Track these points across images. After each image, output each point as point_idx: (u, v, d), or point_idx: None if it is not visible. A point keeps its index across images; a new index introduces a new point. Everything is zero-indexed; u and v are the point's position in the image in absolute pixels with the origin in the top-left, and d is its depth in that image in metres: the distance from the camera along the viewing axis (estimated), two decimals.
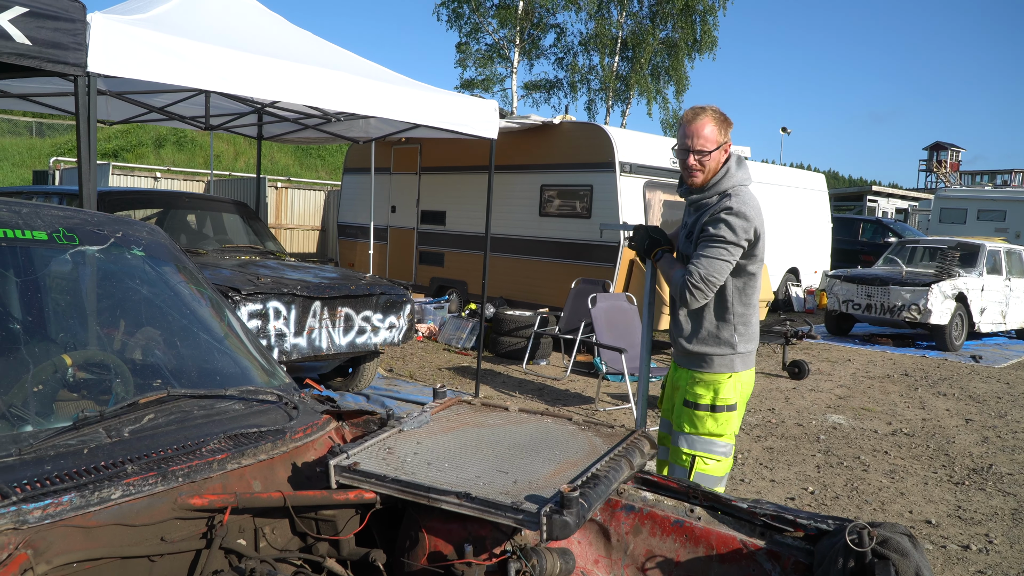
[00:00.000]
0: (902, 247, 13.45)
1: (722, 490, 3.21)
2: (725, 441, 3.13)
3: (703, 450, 3.13)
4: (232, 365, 2.28)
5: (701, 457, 3.14)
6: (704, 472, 3.13)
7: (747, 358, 3.21)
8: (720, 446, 3.13)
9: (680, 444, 3.19)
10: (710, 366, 3.17)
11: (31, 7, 3.61)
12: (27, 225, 2.01)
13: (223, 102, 7.99)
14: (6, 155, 25.94)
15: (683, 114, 3.23)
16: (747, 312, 3.19)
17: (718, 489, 3.09)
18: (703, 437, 3.14)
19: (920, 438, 6.64)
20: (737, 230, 3.05)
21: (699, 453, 3.14)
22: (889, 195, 29.82)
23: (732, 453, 3.20)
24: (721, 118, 3.17)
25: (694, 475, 3.12)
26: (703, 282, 3.06)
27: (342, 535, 1.84)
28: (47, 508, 1.44)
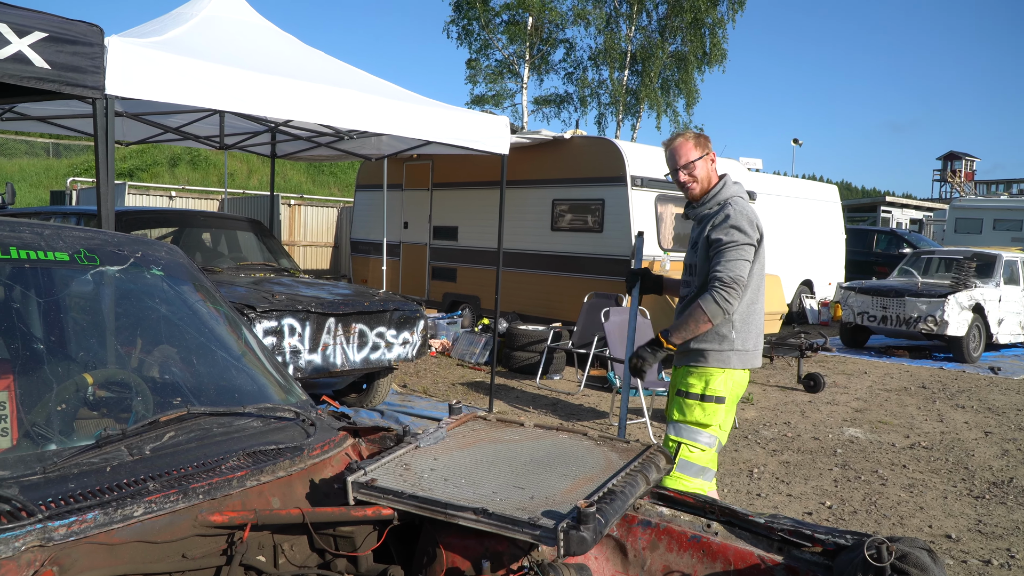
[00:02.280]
0: (917, 258, 13.38)
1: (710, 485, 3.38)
2: (710, 432, 3.27)
3: (688, 438, 3.28)
4: (250, 382, 2.31)
5: (686, 445, 3.28)
6: (687, 459, 3.27)
7: (743, 357, 3.34)
8: (705, 436, 3.27)
9: (668, 431, 3.37)
10: (706, 360, 3.33)
11: (50, 32, 3.67)
12: (49, 247, 2.04)
13: (237, 121, 8.08)
14: (24, 176, 26.23)
15: (663, 144, 3.51)
16: (747, 312, 3.35)
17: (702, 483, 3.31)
18: (689, 425, 3.30)
19: (939, 451, 6.59)
20: (745, 229, 3.26)
21: (684, 440, 3.30)
22: (903, 206, 29.67)
23: (716, 446, 3.31)
24: (695, 136, 3.46)
25: (678, 462, 3.25)
26: (733, 282, 3.22)
27: (360, 551, 1.85)
28: (72, 525, 1.46)
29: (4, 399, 1.87)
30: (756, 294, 3.37)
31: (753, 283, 3.34)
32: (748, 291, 3.33)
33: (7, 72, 3.53)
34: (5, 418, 1.85)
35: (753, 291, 3.36)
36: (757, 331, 3.39)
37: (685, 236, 10.06)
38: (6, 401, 1.87)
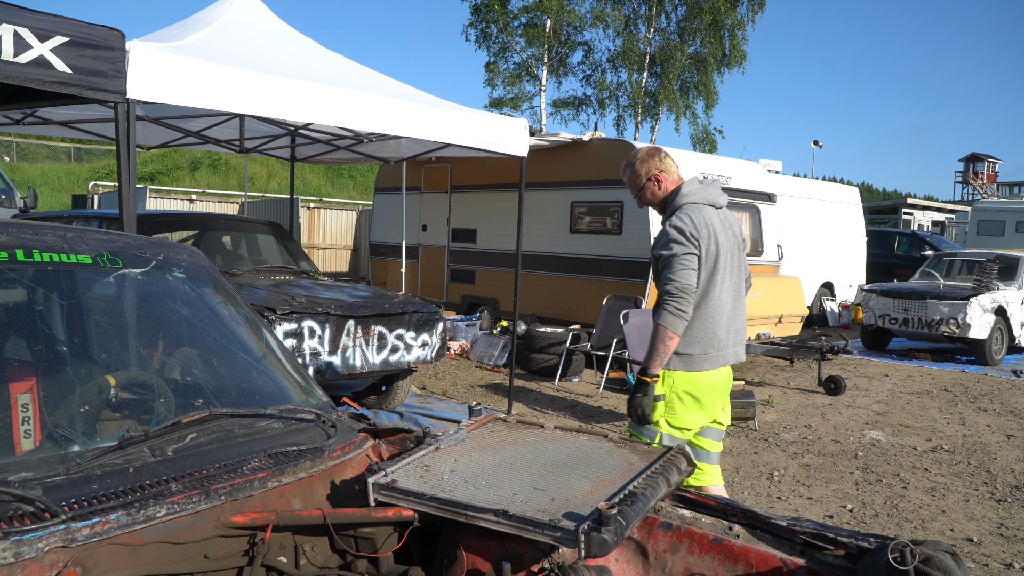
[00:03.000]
0: (939, 260, 13.25)
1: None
2: (653, 428, 3.43)
3: (636, 431, 3.49)
4: (271, 384, 2.32)
5: (635, 436, 3.46)
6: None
7: (686, 360, 3.42)
8: (647, 431, 3.43)
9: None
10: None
11: (72, 36, 3.71)
12: (72, 249, 2.06)
13: (257, 125, 8.12)
14: (46, 180, 26.54)
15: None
16: (693, 321, 3.41)
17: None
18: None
19: (961, 455, 6.52)
20: (681, 240, 3.37)
21: (634, 433, 3.50)
22: (925, 208, 29.39)
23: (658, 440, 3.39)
24: (638, 160, 3.63)
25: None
26: (680, 292, 3.33)
27: (381, 552, 1.86)
28: (95, 526, 1.47)
29: (27, 401, 1.89)
30: (705, 299, 3.44)
31: (700, 289, 3.42)
32: (695, 297, 3.41)
33: (29, 76, 3.56)
34: (28, 420, 1.87)
35: (700, 296, 3.43)
36: (707, 336, 3.44)
37: None
38: (29, 403, 1.89)
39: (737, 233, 3.65)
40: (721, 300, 3.49)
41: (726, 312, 3.51)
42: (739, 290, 3.61)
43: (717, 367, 3.48)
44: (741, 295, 3.63)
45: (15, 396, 1.88)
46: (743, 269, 3.67)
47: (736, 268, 3.58)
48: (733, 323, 3.54)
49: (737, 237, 3.63)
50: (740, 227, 3.70)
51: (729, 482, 5.58)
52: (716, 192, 3.60)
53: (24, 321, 2.00)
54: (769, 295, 10.04)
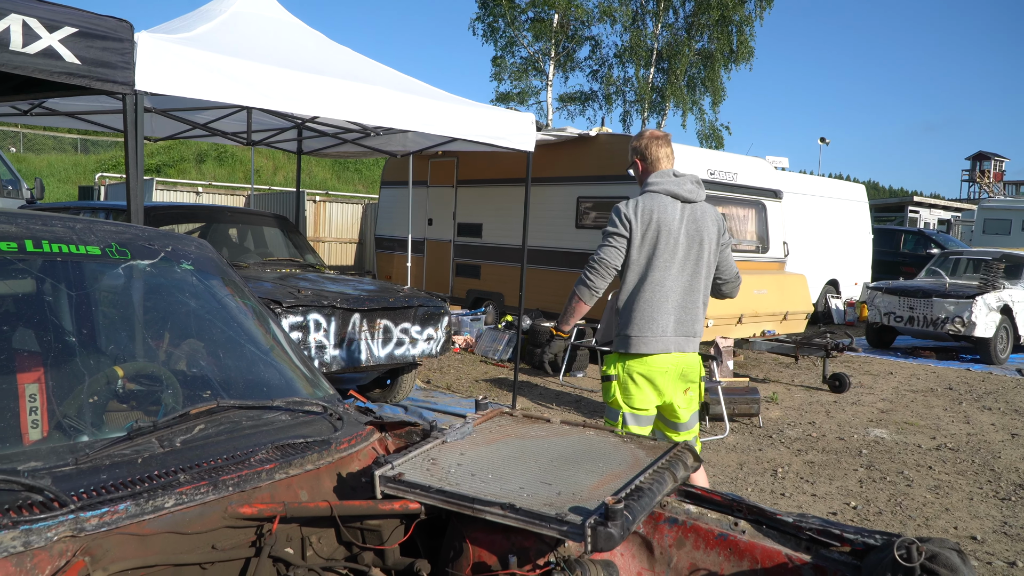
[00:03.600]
0: (945, 259, 13.22)
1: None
2: (611, 406, 3.64)
3: (606, 410, 3.74)
4: (278, 376, 2.32)
5: (606, 415, 3.74)
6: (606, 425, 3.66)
7: (629, 342, 3.59)
8: (609, 409, 3.67)
9: None
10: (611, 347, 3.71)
11: (80, 27, 3.71)
12: (81, 240, 2.06)
13: (264, 118, 8.13)
14: (52, 171, 26.59)
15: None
16: (630, 301, 3.61)
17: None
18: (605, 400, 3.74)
19: (965, 453, 6.51)
20: (614, 220, 3.61)
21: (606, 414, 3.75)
22: (931, 206, 29.28)
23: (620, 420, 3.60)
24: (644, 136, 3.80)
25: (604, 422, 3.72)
26: (595, 263, 3.63)
27: (387, 545, 1.86)
28: (103, 516, 1.48)
29: (35, 391, 1.90)
30: (641, 284, 3.58)
31: (636, 273, 3.59)
32: (629, 281, 3.60)
33: (37, 67, 3.57)
34: (36, 410, 1.88)
35: (637, 281, 3.59)
36: (644, 319, 3.56)
37: None
38: (37, 393, 1.90)
39: (706, 229, 3.65)
40: (664, 287, 3.57)
41: (670, 300, 3.58)
42: (694, 284, 3.64)
43: (659, 352, 3.57)
44: (697, 290, 3.66)
45: (23, 386, 1.89)
46: (707, 265, 3.68)
47: (694, 261, 3.63)
48: (680, 314, 3.61)
49: (702, 232, 3.64)
50: (718, 225, 3.73)
51: (732, 478, 5.58)
52: (685, 186, 3.66)
53: (33, 312, 2.00)
54: (774, 292, 10.02)
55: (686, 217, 3.62)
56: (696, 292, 3.65)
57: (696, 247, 3.62)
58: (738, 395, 7.12)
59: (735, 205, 10.41)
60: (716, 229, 3.70)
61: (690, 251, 3.61)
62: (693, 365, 3.71)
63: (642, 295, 3.58)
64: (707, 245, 3.65)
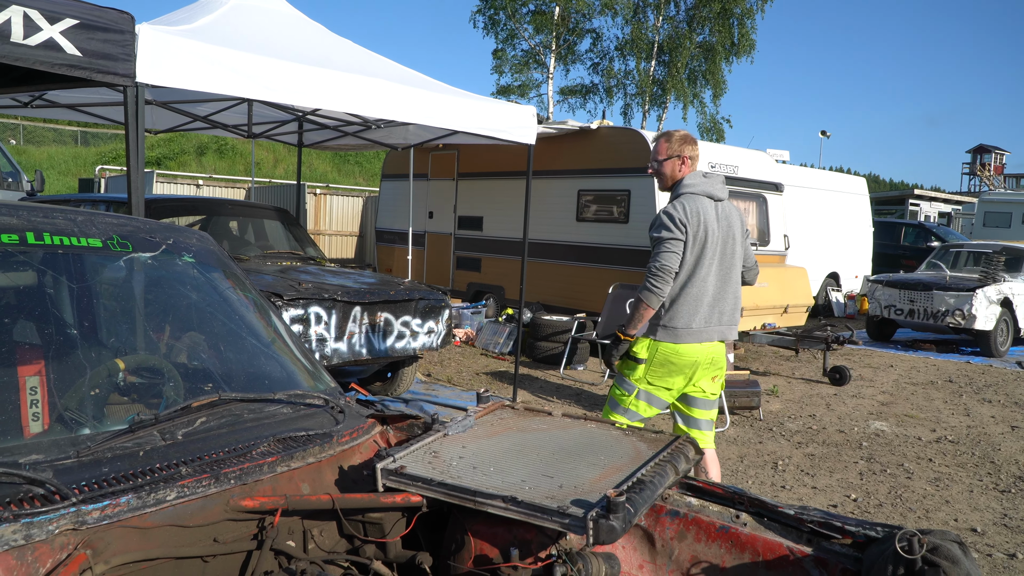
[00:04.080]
0: (946, 251, 13.21)
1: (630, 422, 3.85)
2: (630, 381, 3.94)
3: (617, 382, 4.03)
4: (279, 369, 2.32)
5: (615, 386, 4.04)
6: (614, 396, 4.03)
7: (670, 332, 3.84)
8: (626, 383, 3.95)
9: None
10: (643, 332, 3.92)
11: (82, 19, 3.70)
12: (82, 233, 2.06)
13: (265, 110, 8.11)
14: (52, 164, 26.54)
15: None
16: (678, 295, 3.83)
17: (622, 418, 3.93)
18: (620, 374, 4.01)
19: (965, 445, 6.52)
20: (669, 226, 3.78)
21: (615, 383, 4.06)
22: (932, 199, 29.25)
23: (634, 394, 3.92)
24: (676, 137, 3.99)
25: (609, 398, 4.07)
26: (659, 271, 3.77)
27: (389, 538, 1.86)
28: (105, 509, 1.48)
29: (36, 384, 1.90)
30: (691, 279, 3.83)
31: (686, 271, 3.82)
32: (679, 279, 3.83)
33: (39, 59, 3.56)
34: (37, 403, 1.87)
35: (686, 278, 3.83)
36: (690, 312, 3.82)
37: None
38: (37, 386, 1.89)
39: (734, 224, 3.96)
40: (707, 283, 3.85)
41: (710, 294, 3.87)
42: (728, 275, 3.94)
43: (700, 342, 3.86)
44: (731, 280, 3.96)
45: (24, 379, 1.89)
46: (739, 257, 3.98)
47: (729, 256, 3.92)
48: (718, 305, 3.90)
49: (733, 228, 3.94)
50: (740, 218, 4.02)
51: (733, 471, 5.59)
52: (717, 185, 3.93)
53: (34, 304, 2.00)
54: (775, 285, 10.01)
55: (720, 215, 3.91)
56: (731, 282, 3.97)
57: (731, 242, 3.93)
58: (739, 388, 7.12)
59: (736, 198, 10.40)
60: (740, 223, 4.02)
61: (726, 247, 3.92)
62: (722, 353, 4.01)
63: (689, 292, 3.83)
64: (738, 239, 3.97)
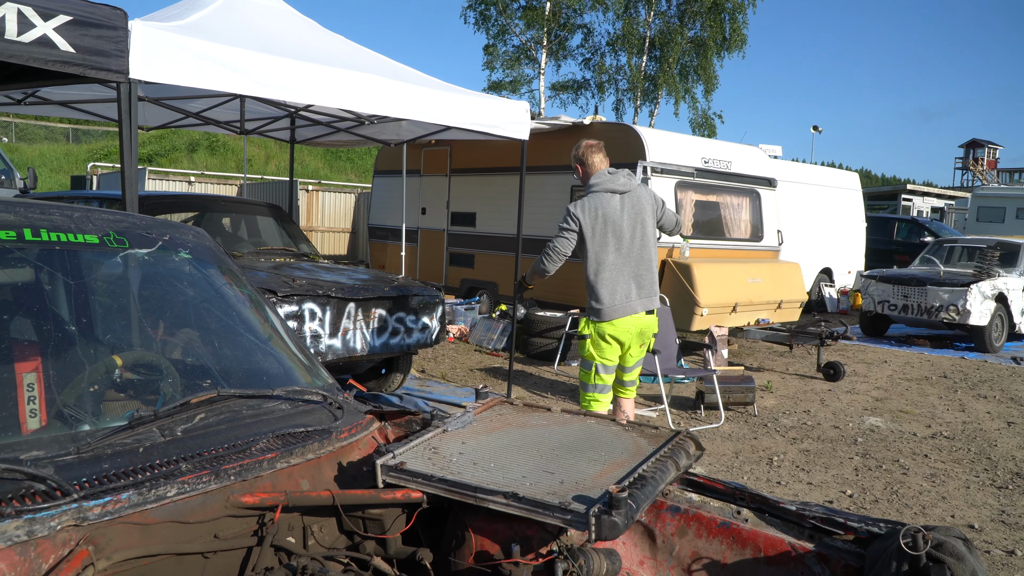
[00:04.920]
0: (939, 247, 13.25)
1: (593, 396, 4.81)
2: (587, 359, 4.74)
3: (581, 365, 4.84)
4: (277, 365, 2.31)
5: (580, 369, 4.88)
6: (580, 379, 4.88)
7: (596, 311, 4.66)
8: (585, 362, 4.76)
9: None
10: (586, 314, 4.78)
11: (75, 15, 3.67)
12: (79, 229, 2.05)
13: (257, 106, 8.08)
14: (44, 161, 26.41)
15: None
16: (593, 281, 4.66)
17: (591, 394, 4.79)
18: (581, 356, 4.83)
19: (961, 441, 6.54)
20: (566, 217, 4.69)
21: (580, 368, 4.87)
22: (924, 194, 29.32)
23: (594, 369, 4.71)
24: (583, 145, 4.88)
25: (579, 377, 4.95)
26: (550, 251, 4.76)
27: (389, 534, 1.86)
28: (106, 505, 1.47)
29: (33, 380, 1.88)
30: (600, 265, 4.62)
31: (594, 258, 4.63)
32: (590, 265, 4.65)
33: (32, 56, 3.53)
34: (34, 399, 1.86)
35: (596, 264, 4.63)
36: (608, 292, 4.61)
37: (705, 223, 10.01)
38: (35, 383, 1.88)
39: (644, 209, 4.70)
40: (615, 267, 4.62)
41: (626, 273, 4.63)
42: (640, 254, 4.67)
43: (624, 315, 4.63)
44: (643, 259, 4.68)
45: (21, 375, 1.87)
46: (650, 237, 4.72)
47: (639, 238, 4.67)
48: (633, 281, 4.65)
49: (642, 212, 4.68)
50: (652, 202, 4.77)
51: (728, 467, 5.60)
52: (620, 181, 4.69)
53: (31, 301, 1.98)
54: (769, 281, 10.04)
55: (626, 205, 4.66)
56: (647, 260, 4.71)
57: (640, 226, 4.67)
58: (733, 384, 7.13)
59: (729, 194, 10.41)
60: (651, 207, 4.75)
61: (635, 231, 4.66)
62: (650, 324, 4.77)
63: (602, 275, 4.62)
64: (648, 221, 4.71)
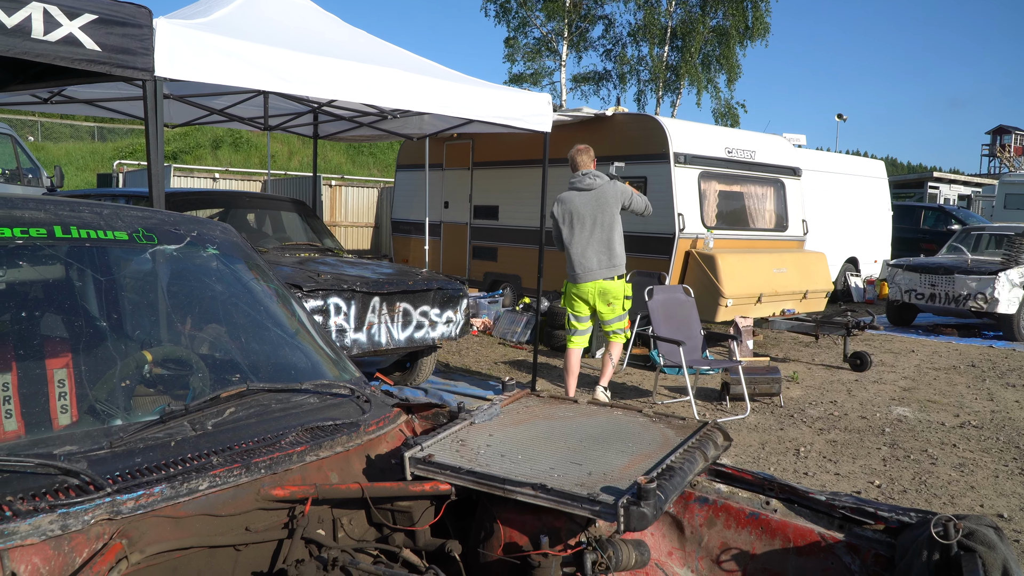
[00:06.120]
0: (967, 234, 13.08)
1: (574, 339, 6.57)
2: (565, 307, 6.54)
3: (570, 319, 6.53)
4: (304, 360, 2.33)
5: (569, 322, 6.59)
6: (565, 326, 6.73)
7: (569, 277, 6.39)
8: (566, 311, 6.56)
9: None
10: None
11: (100, 14, 3.70)
12: (109, 226, 2.07)
13: (280, 102, 8.12)
14: (70, 159, 26.74)
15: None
16: (569, 257, 6.34)
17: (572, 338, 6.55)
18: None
19: (989, 430, 6.46)
20: (549, 215, 6.52)
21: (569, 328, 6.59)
22: (951, 181, 28.91)
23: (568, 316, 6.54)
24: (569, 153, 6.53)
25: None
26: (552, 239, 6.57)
27: (418, 526, 1.87)
28: (139, 499, 1.49)
29: (63, 377, 1.91)
30: (570, 245, 6.28)
31: (568, 240, 6.29)
32: (567, 246, 6.29)
33: (59, 54, 3.57)
34: (65, 395, 1.89)
35: (566, 244, 6.31)
36: (573, 264, 6.29)
37: (729, 213, 9.94)
38: (65, 379, 1.91)
39: (606, 201, 6.20)
40: (579, 244, 6.23)
41: (587, 252, 6.21)
42: (602, 237, 6.20)
43: (585, 281, 6.25)
44: (604, 240, 6.20)
45: (52, 371, 1.90)
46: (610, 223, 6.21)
47: (600, 225, 6.19)
48: (600, 257, 6.21)
49: (604, 203, 6.19)
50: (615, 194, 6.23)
51: (755, 458, 5.57)
52: (583, 181, 6.28)
53: (62, 297, 2.01)
54: (794, 271, 9.95)
55: (589, 200, 6.22)
56: (607, 241, 6.21)
57: (601, 215, 6.18)
58: (758, 374, 7.09)
59: (753, 183, 10.33)
60: (615, 200, 6.21)
61: (596, 219, 6.19)
62: (610, 287, 6.26)
63: (571, 251, 6.28)
64: (609, 211, 6.20)
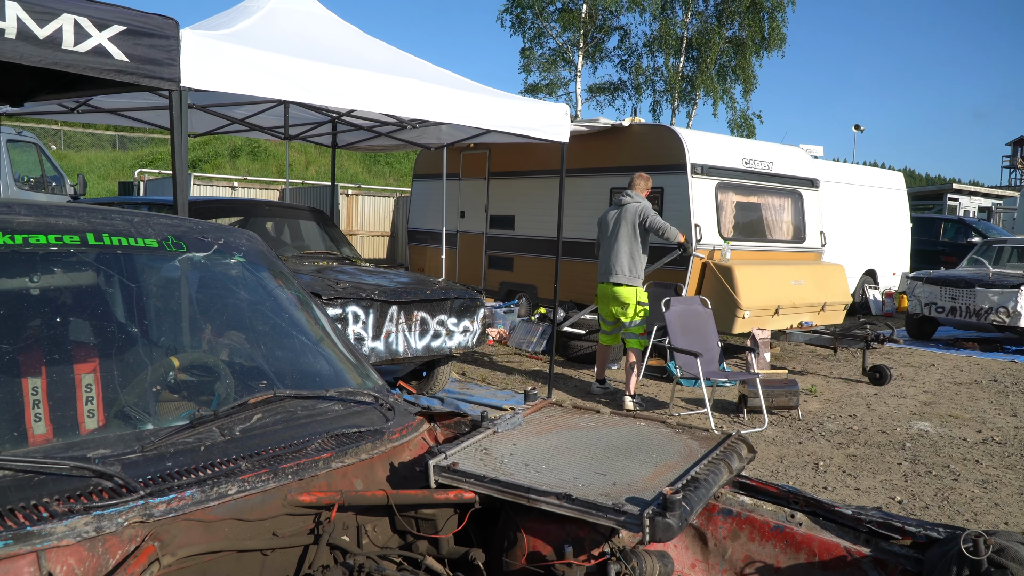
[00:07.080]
0: (988, 247, 12.97)
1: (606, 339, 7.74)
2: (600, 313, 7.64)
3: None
4: (328, 367, 2.34)
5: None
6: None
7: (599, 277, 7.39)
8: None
9: None
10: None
11: (128, 25, 3.76)
12: (139, 233, 2.10)
13: (299, 112, 8.19)
14: (92, 168, 27.00)
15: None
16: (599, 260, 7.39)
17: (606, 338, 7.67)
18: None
19: (1013, 446, 6.40)
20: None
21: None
22: (971, 193, 28.68)
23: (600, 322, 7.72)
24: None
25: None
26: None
27: (441, 534, 1.87)
28: (171, 502, 1.51)
29: (91, 382, 1.93)
30: (598, 251, 7.44)
31: (597, 243, 7.44)
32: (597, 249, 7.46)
33: (89, 65, 3.63)
34: (92, 400, 1.91)
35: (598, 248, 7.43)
36: (600, 267, 7.33)
37: (747, 224, 9.91)
38: (93, 383, 1.93)
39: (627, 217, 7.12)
40: (603, 250, 7.27)
41: (605, 259, 7.24)
42: (619, 246, 7.14)
43: (603, 282, 7.28)
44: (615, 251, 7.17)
45: (79, 376, 1.93)
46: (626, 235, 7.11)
47: (621, 236, 7.12)
48: (614, 265, 7.17)
49: (624, 219, 7.13)
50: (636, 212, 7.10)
51: (773, 471, 5.54)
52: (620, 200, 7.26)
53: (94, 303, 2.04)
54: (812, 283, 9.90)
55: (614, 216, 7.21)
56: (618, 251, 7.14)
57: (618, 230, 7.13)
58: (776, 387, 7.06)
59: (770, 195, 10.30)
60: (633, 216, 7.10)
61: (615, 233, 7.15)
62: (617, 291, 7.20)
63: (599, 256, 7.35)
64: (627, 226, 7.11)
